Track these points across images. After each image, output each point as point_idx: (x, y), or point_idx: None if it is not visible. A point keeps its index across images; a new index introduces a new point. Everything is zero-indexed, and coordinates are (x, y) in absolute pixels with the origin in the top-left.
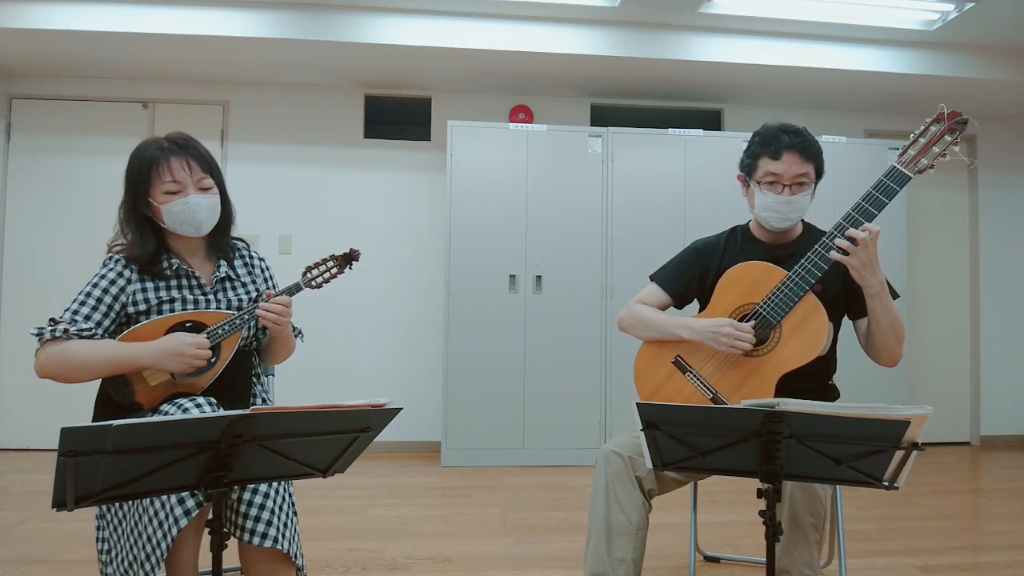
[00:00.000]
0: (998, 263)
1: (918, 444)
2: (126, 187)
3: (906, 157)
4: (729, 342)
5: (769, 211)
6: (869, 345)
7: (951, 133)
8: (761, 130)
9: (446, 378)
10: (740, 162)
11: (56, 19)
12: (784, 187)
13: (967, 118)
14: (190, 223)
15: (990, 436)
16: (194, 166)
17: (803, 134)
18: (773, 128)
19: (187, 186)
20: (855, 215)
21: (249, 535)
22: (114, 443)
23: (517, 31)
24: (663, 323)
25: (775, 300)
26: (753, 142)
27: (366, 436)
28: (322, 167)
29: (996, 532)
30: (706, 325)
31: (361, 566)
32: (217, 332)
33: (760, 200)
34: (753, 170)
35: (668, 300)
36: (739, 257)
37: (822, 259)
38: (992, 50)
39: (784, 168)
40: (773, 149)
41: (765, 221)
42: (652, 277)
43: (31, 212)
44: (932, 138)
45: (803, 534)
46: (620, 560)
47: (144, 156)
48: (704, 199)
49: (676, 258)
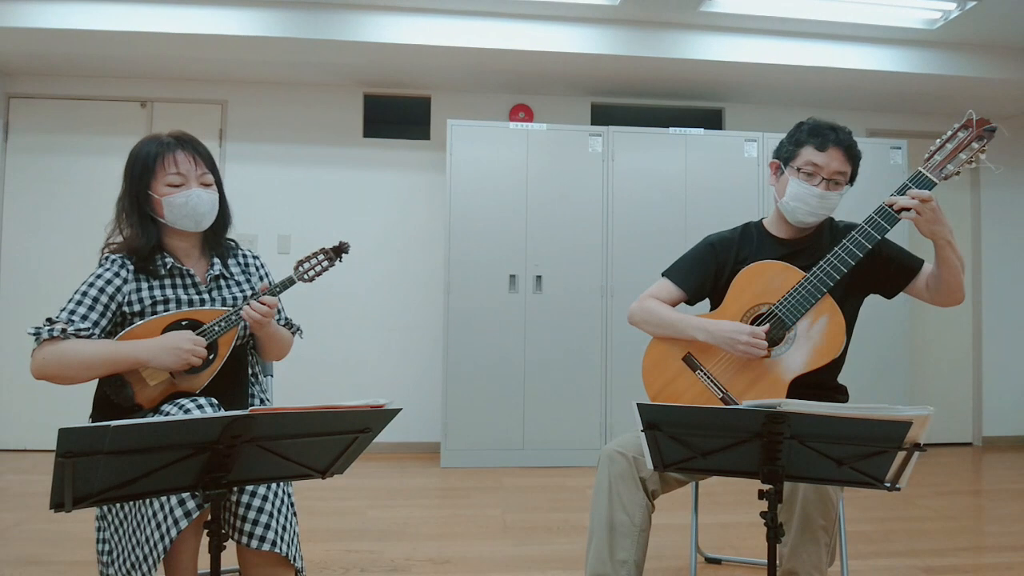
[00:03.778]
0: (1000, 263)
1: (920, 445)
2: (127, 181)
3: (932, 162)
4: (746, 348)
5: (799, 201)
6: (939, 292)
7: (979, 140)
8: (809, 121)
9: (446, 378)
10: (779, 147)
11: (54, 18)
12: (822, 180)
13: (995, 125)
14: (191, 216)
15: (992, 437)
16: (198, 160)
17: (851, 135)
18: (824, 122)
19: (190, 179)
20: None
21: (247, 538)
22: (112, 444)
23: (517, 30)
24: (677, 322)
25: (791, 301)
26: (800, 130)
27: (365, 437)
28: (321, 166)
29: (998, 533)
30: (723, 329)
31: (360, 567)
32: (213, 329)
33: (793, 189)
34: (793, 157)
35: (681, 296)
36: (755, 253)
37: (842, 262)
38: (994, 49)
39: (827, 161)
40: (820, 140)
41: (791, 212)
42: (665, 273)
43: (29, 212)
44: (959, 144)
45: (813, 536)
46: (622, 561)
47: (148, 150)
48: (705, 198)
49: (689, 254)
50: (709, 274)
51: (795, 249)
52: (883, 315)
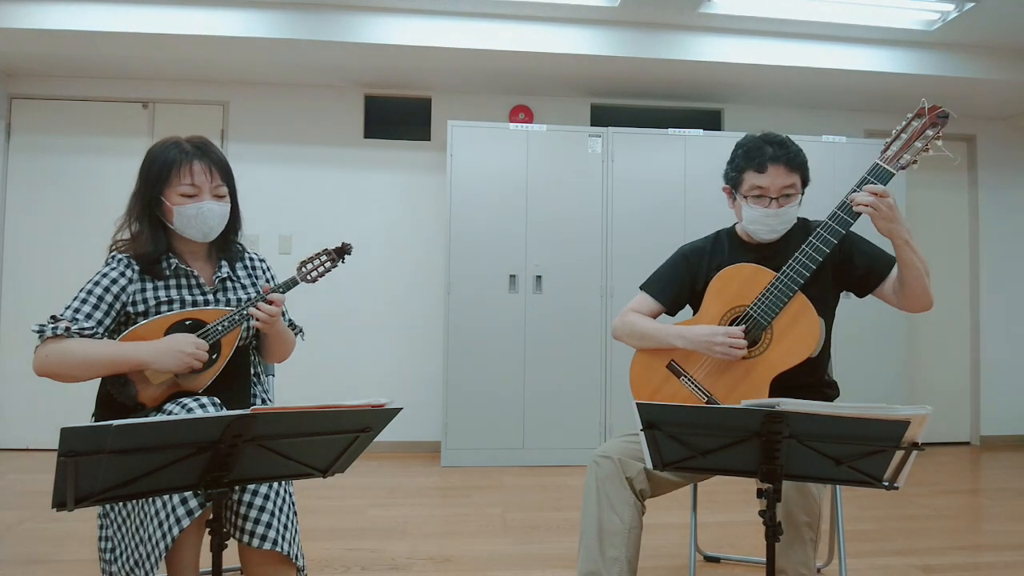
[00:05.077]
0: (998, 263)
1: (918, 444)
2: (143, 183)
3: (889, 153)
4: (723, 350)
5: (757, 224)
6: (904, 296)
7: (933, 127)
8: (744, 142)
9: (446, 378)
10: (724, 174)
11: (56, 19)
12: (771, 200)
13: (948, 112)
14: (199, 228)
15: (990, 436)
16: (215, 172)
17: (787, 145)
18: (756, 140)
19: (203, 191)
20: (841, 214)
21: (249, 536)
22: (114, 443)
23: (517, 31)
24: (656, 333)
25: (765, 301)
26: (736, 155)
27: (366, 436)
28: (322, 167)
29: (996, 532)
30: (699, 333)
31: (361, 566)
32: (216, 329)
33: (748, 214)
34: (739, 184)
35: (660, 308)
36: (727, 259)
37: (810, 259)
38: (992, 50)
39: (770, 181)
40: (758, 162)
41: (754, 233)
42: (643, 287)
43: (31, 212)
44: (914, 133)
45: (798, 533)
46: (613, 559)
47: (166, 156)
48: (704, 199)
49: (664, 266)
50: (685, 284)
51: (767, 253)
52: (882, 315)
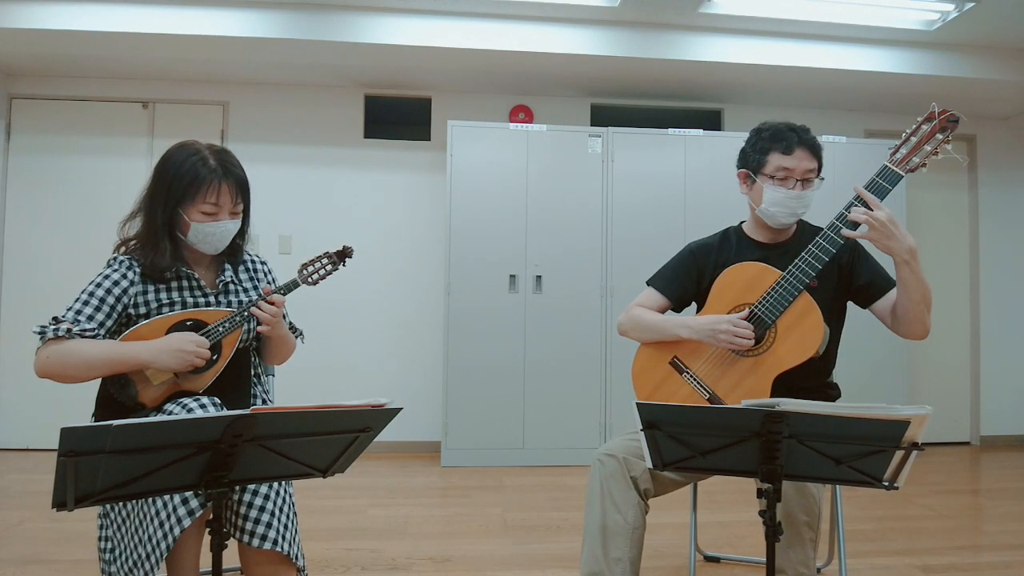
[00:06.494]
0: (998, 263)
1: (918, 444)
2: (163, 190)
3: (898, 156)
4: (728, 338)
5: (779, 206)
6: (899, 319)
7: (943, 131)
8: (766, 126)
9: (446, 378)
10: (743, 158)
11: (56, 19)
12: (796, 182)
13: (958, 116)
14: (212, 244)
15: (990, 436)
16: (236, 192)
17: (809, 131)
18: (780, 125)
19: (223, 211)
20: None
21: (249, 536)
22: (114, 443)
23: (517, 31)
24: (661, 324)
25: (770, 300)
26: (761, 137)
27: (366, 436)
28: (322, 167)
29: (996, 532)
30: (704, 322)
31: (361, 566)
32: (217, 330)
33: (770, 195)
34: (762, 165)
35: (666, 304)
36: (734, 257)
37: (815, 258)
38: (992, 50)
39: (796, 163)
40: (785, 144)
41: (772, 217)
42: (649, 282)
43: (31, 212)
44: (923, 136)
45: (798, 533)
46: (617, 559)
47: (196, 173)
48: (704, 199)
49: (671, 261)
50: (691, 280)
51: (773, 252)
52: None
